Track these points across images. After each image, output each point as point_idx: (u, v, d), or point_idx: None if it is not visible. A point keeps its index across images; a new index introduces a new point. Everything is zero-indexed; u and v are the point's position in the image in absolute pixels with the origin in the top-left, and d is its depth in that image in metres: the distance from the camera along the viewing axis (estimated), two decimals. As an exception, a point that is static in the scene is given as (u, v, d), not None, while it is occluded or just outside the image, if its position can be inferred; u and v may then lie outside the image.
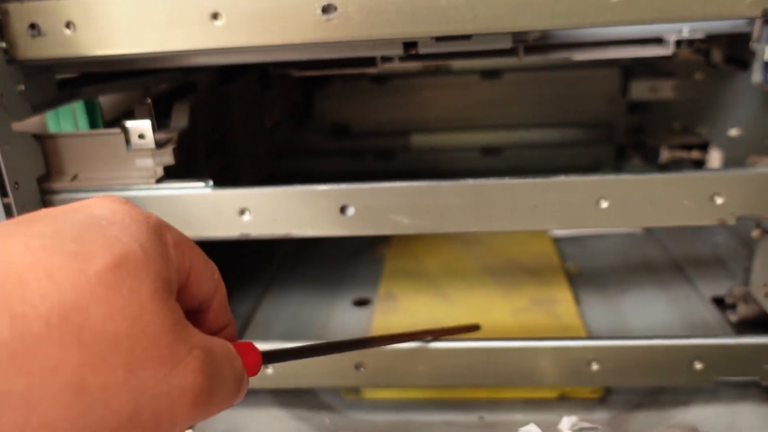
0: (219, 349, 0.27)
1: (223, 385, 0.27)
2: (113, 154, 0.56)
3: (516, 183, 0.52)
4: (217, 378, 0.26)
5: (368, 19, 0.48)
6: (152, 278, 0.24)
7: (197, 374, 0.25)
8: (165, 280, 0.25)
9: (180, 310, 0.26)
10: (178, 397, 0.24)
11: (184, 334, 0.25)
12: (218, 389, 0.26)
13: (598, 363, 0.57)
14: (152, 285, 0.24)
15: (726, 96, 0.81)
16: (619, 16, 0.46)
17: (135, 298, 0.23)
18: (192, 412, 0.25)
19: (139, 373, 0.23)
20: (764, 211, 0.49)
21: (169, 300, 0.25)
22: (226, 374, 0.27)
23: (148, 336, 0.24)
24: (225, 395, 0.27)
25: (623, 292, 0.79)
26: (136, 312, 0.23)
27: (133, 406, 0.23)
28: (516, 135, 1.19)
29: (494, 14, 0.47)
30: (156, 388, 0.24)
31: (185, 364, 0.25)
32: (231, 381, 0.28)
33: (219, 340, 0.28)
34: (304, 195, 0.54)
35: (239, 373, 0.29)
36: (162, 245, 0.26)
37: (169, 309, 0.25)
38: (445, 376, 0.59)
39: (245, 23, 0.49)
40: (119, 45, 0.50)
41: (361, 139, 1.20)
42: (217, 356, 0.27)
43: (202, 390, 0.25)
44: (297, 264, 0.92)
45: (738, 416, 0.58)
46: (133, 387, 0.23)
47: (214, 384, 0.26)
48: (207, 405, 0.26)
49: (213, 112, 0.73)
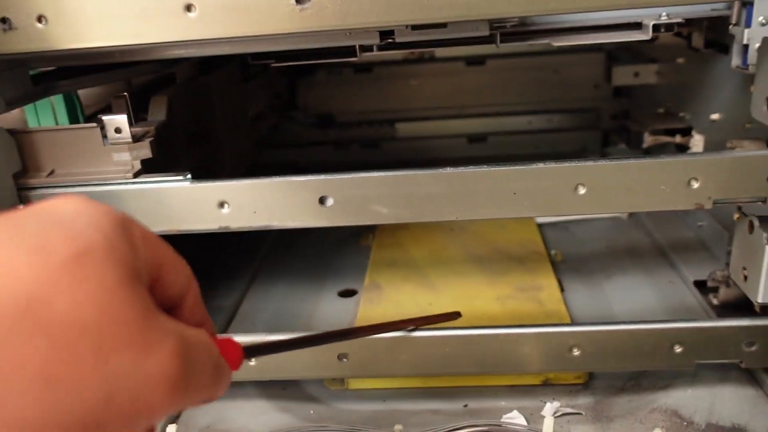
0: (194, 336, 0.27)
1: (201, 372, 0.27)
2: (90, 148, 0.55)
3: (495, 171, 0.52)
4: (193, 364, 0.26)
5: (342, 9, 0.48)
6: (119, 267, 0.24)
7: (173, 359, 0.25)
8: (132, 270, 0.25)
9: (150, 299, 0.26)
10: (154, 383, 0.24)
11: (156, 320, 0.25)
12: (196, 376, 0.26)
13: (579, 348, 0.57)
14: (119, 273, 0.24)
15: (707, 80, 0.81)
16: (595, 2, 0.46)
17: (101, 285, 0.23)
18: (170, 398, 0.25)
19: (111, 360, 0.23)
20: (740, 194, 0.50)
21: (138, 288, 0.25)
22: (203, 361, 0.27)
23: (118, 322, 0.23)
24: (203, 383, 0.27)
25: (607, 278, 0.80)
26: (104, 299, 0.23)
27: (106, 394, 0.23)
28: (502, 122, 1.19)
29: (469, 1, 0.46)
30: (130, 374, 0.23)
31: (159, 349, 0.24)
32: (209, 368, 0.28)
33: (194, 328, 0.28)
34: (283, 186, 0.54)
35: (217, 362, 0.29)
36: (128, 237, 0.26)
37: (138, 296, 0.25)
38: (429, 365, 0.59)
39: (219, 15, 0.49)
40: (92, 38, 0.50)
41: (346, 128, 1.20)
42: (193, 343, 0.27)
43: (178, 375, 0.25)
44: (282, 255, 0.92)
45: (718, 398, 0.58)
46: (105, 375, 0.23)
47: (191, 370, 0.26)
48: (185, 392, 0.26)
49: (193, 104, 0.72)
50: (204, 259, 0.89)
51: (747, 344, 0.56)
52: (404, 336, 0.59)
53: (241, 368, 0.61)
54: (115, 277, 0.24)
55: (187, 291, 0.30)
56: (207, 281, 0.86)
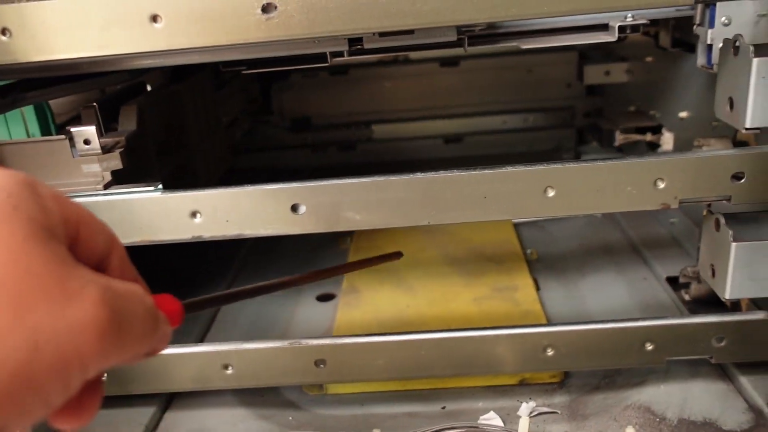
0: (122, 286, 0.27)
1: (133, 320, 0.27)
2: (59, 161, 0.55)
3: (465, 175, 0.53)
4: (123, 312, 0.26)
5: (309, 17, 0.48)
6: (27, 223, 0.24)
7: (97, 306, 0.25)
8: (42, 225, 0.25)
9: (67, 252, 0.26)
10: (80, 331, 0.24)
11: (74, 270, 0.25)
12: (128, 324, 0.26)
13: (553, 348, 0.58)
14: (27, 229, 0.24)
15: (676, 79, 0.82)
16: (558, 7, 0.46)
17: (11, 241, 0.24)
18: (101, 346, 0.25)
19: (31, 312, 0.23)
20: (705, 194, 0.51)
21: (51, 242, 0.25)
22: (135, 309, 0.27)
23: (33, 275, 0.24)
24: (138, 332, 0.27)
25: (582, 276, 0.81)
26: (15, 254, 0.23)
27: (30, 345, 0.23)
28: (477, 122, 1.20)
29: (434, 8, 0.47)
30: (53, 324, 0.23)
31: (81, 297, 0.24)
32: (142, 317, 0.28)
33: (122, 281, 0.28)
34: (255, 195, 0.54)
35: (152, 312, 0.29)
36: (35, 195, 0.26)
37: (51, 249, 0.25)
38: (405, 369, 0.60)
39: (185, 25, 0.49)
40: (57, 50, 0.49)
41: (322, 131, 1.20)
42: (121, 292, 0.27)
43: (106, 321, 0.25)
44: (260, 261, 0.92)
45: (690, 394, 0.59)
46: (26, 327, 0.23)
47: (122, 318, 0.26)
48: (117, 339, 0.26)
49: (164, 112, 0.72)
50: (181, 266, 0.88)
51: (716, 340, 0.57)
52: (381, 341, 0.59)
53: (219, 377, 0.61)
54: (24, 233, 0.24)
55: (110, 250, 0.30)
56: (184, 289, 0.86)
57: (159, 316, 0.29)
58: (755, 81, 0.48)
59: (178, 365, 0.61)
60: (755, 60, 0.47)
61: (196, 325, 0.75)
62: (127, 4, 0.48)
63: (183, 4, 0.48)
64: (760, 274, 0.53)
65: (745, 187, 0.50)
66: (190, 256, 0.89)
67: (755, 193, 0.51)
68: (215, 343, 0.61)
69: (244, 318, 0.78)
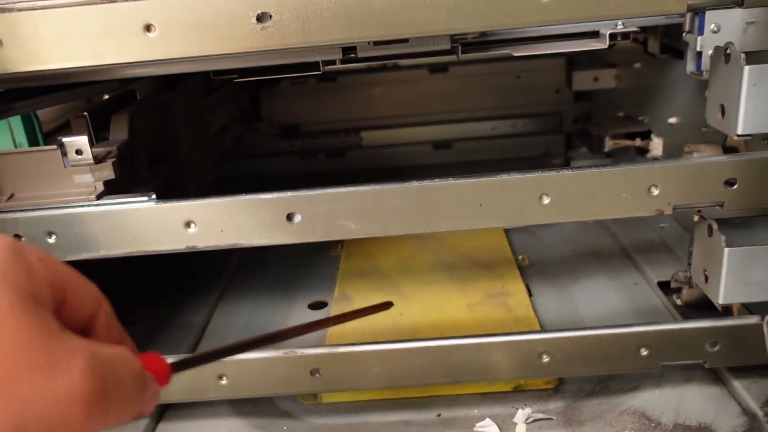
0: (109, 352, 0.27)
1: (121, 386, 0.27)
2: (50, 171, 0.55)
3: (460, 183, 0.53)
4: (111, 379, 0.26)
5: (304, 27, 0.48)
6: (12, 291, 0.24)
7: (85, 376, 0.24)
8: (29, 294, 0.25)
9: (54, 321, 0.25)
10: (67, 403, 0.24)
11: (61, 340, 0.25)
12: (115, 391, 0.26)
13: (548, 355, 0.58)
14: (13, 298, 0.24)
15: (664, 84, 0.83)
16: (551, 16, 0.46)
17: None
18: (87, 415, 0.24)
19: (17, 384, 0.23)
20: (698, 200, 0.51)
21: (38, 311, 0.25)
22: (123, 375, 0.27)
23: (18, 347, 0.23)
24: (125, 398, 0.27)
25: (574, 281, 0.81)
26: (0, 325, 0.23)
27: (17, 418, 0.23)
28: (466, 128, 1.20)
29: (428, 18, 0.47)
30: (40, 396, 0.23)
31: (69, 368, 0.24)
32: (130, 382, 0.27)
33: (109, 345, 0.28)
34: (250, 204, 0.54)
35: (139, 375, 0.28)
36: (22, 261, 0.26)
37: (37, 319, 0.24)
38: (400, 377, 0.60)
39: (180, 34, 0.48)
40: (50, 60, 0.49)
41: (312, 138, 1.20)
42: (108, 358, 0.26)
43: (93, 392, 0.24)
44: (251, 269, 0.91)
45: (684, 398, 0.60)
46: (12, 402, 0.22)
47: (109, 386, 0.26)
48: (105, 408, 0.25)
49: (155, 121, 0.71)
50: (172, 275, 0.88)
51: (710, 344, 0.57)
52: (375, 349, 0.59)
53: (213, 388, 0.61)
54: (10, 302, 0.24)
55: (97, 311, 0.29)
56: (175, 298, 0.85)
57: (147, 377, 0.29)
58: (746, 88, 0.48)
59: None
60: (746, 67, 0.48)
61: (189, 334, 0.75)
62: (120, 13, 0.48)
63: (177, 14, 0.48)
64: (752, 279, 0.54)
65: (737, 193, 0.51)
66: (179, 264, 0.89)
67: (747, 199, 0.51)
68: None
69: (236, 327, 0.77)
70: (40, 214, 0.53)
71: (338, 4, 0.47)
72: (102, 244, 0.54)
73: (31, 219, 0.54)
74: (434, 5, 0.46)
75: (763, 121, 0.49)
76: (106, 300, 0.30)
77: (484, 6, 0.46)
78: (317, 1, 0.47)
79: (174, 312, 0.80)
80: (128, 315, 0.78)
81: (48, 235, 0.54)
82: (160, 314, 0.79)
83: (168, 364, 0.31)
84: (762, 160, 0.50)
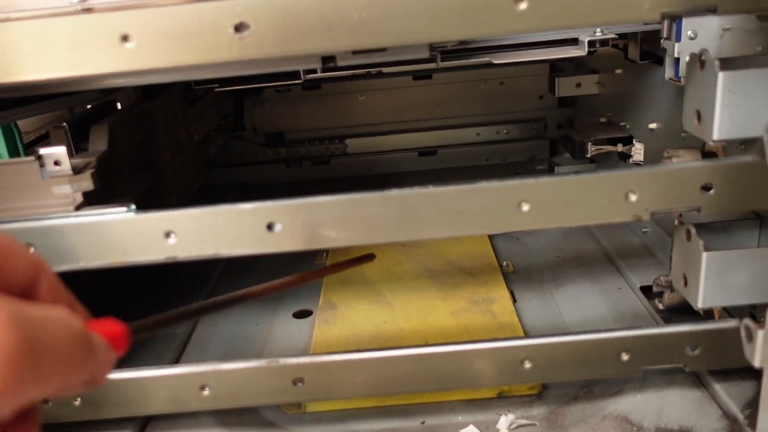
0: (39, 311, 0.26)
1: (54, 346, 0.25)
2: (28, 182, 0.54)
3: (441, 191, 0.53)
4: (40, 337, 0.25)
5: (282, 36, 0.48)
6: None
7: (5, 331, 0.23)
8: None
9: None
10: None
11: None
12: (46, 350, 0.25)
13: (530, 361, 0.58)
14: None
15: (645, 90, 0.84)
16: (527, 24, 0.47)
17: None
18: (13, 375, 0.23)
19: None
20: (676, 205, 0.51)
21: None
22: (57, 335, 0.26)
23: None
24: (62, 359, 0.26)
25: (558, 287, 0.81)
26: None
27: None
28: (451, 134, 1.21)
29: (406, 27, 0.47)
30: None
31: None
32: (68, 344, 0.26)
33: (41, 305, 0.26)
34: (230, 214, 0.54)
35: (81, 337, 0.27)
36: None
37: None
38: (384, 385, 0.60)
39: (157, 45, 0.48)
40: (25, 71, 0.49)
41: (297, 146, 1.20)
42: (39, 317, 0.25)
43: (16, 348, 0.23)
44: (235, 278, 0.90)
45: (666, 402, 0.60)
46: None
47: (38, 345, 0.24)
48: (35, 369, 0.24)
49: (136, 131, 0.71)
50: (155, 285, 0.87)
51: (690, 348, 0.58)
52: (359, 358, 0.59)
53: (196, 398, 0.61)
54: None
55: (37, 276, 0.29)
56: (158, 308, 0.84)
57: (93, 341, 0.28)
58: (721, 94, 0.49)
59: (153, 387, 0.60)
60: (721, 74, 0.48)
61: (172, 345, 0.74)
62: (97, 24, 0.48)
63: (154, 24, 0.48)
64: (731, 283, 0.54)
65: (714, 198, 0.51)
66: (162, 274, 0.88)
67: (724, 204, 0.52)
68: (191, 364, 0.61)
69: (220, 337, 0.77)
70: (17, 226, 0.53)
71: (316, 14, 0.47)
72: (81, 256, 0.54)
73: (8, 231, 0.53)
74: (411, 15, 0.47)
75: (738, 127, 0.49)
76: (48, 266, 0.29)
77: (461, 15, 0.46)
78: (295, 11, 0.47)
79: (157, 322, 0.79)
80: (111, 326, 0.78)
81: (27, 247, 0.53)
82: (144, 325, 0.79)
83: (125, 328, 0.30)
84: (737, 165, 0.50)
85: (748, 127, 0.49)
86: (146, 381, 0.60)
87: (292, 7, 0.47)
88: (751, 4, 0.46)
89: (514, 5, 0.46)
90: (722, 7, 0.45)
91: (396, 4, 0.46)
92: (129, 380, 0.60)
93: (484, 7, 0.46)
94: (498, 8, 0.46)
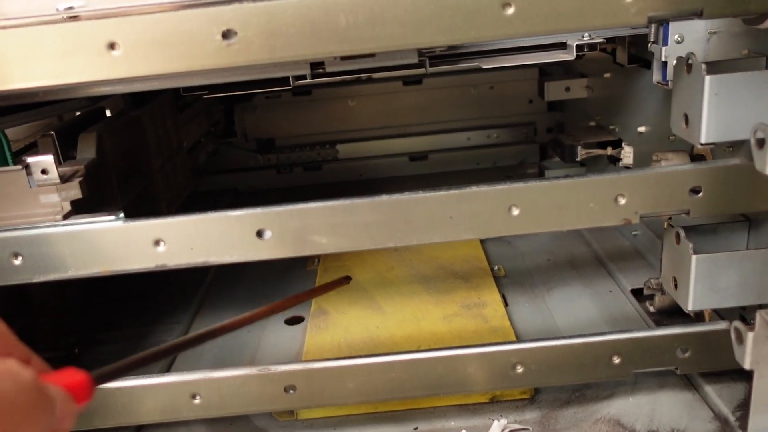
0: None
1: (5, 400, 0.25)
2: (15, 191, 0.54)
3: (430, 196, 0.53)
4: None
5: (269, 43, 0.48)
6: None
7: None
8: None
9: None
10: None
11: None
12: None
13: (522, 365, 0.58)
14: None
15: (633, 94, 0.84)
16: (514, 29, 0.47)
17: None
18: None
19: None
20: (664, 208, 0.52)
21: None
22: (5, 388, 0.25)
23: None
24: (14, 414, 0.25)
25: (549, 290, 0.81)
26: None
27: None
28: (442, 139, 1.21)
29: (394, 32, 0.47)
30: None
31: None
32: (18, 397, 0.26)
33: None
34: (220, 221, 0.53)
35: (33, 389, 0.27)
36: None
37: None
38: (376, 391, 0.59)
39: (144, 52, 0.48)
40: (12, 80, 0.48)
41: (288, 152, 1.20)
42: None
43: None
44: (226, 284, 0.90)
45: (658, 405, 0.60)
46: None
47: None
48: None
49: (125, 138, 0.71)
50: (145, 293, 0.87)
51: (681, 351, 0.58)
52: (351, 364, 0.59)
53: (187, 407, 0.60)
54: None
55: None
56: (149, 316, 0.84)
57: (48, 392, 0.27)
58: (708, 98, 0.49)
59: (144, 397, 0.60)
60: (707, 77, 0.48)
61: (163, 354, 0.74)
62: (84, 32, 0.47)
63: (141, 32, 0.48)
64: (720, 285, 0.54)
65: (702, 201, 0.51)
66: (152, 281, 0.88)
67: (713, 206, 0.52)
68: (182, 373, 0.60)
69: (212, 345, 0.77)
70: (5, 235, 0.52)
71: (303, 20, 0.47)
72: (70, 265, 0.53)
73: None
74: (399, 20, 0.47)
75: (725, 130, 0.49)
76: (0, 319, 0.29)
77: (449, 20, 0.46)
78: (282, 17, 0.47)
79: (147, 331, 0.79)
80: (99, 334, 0.77)
81: (14, 257, 0.53)
82: (133, 334, 0.78)
83: (86, 378, 0.30)
84: (725, 167, 0.50)
85: (735, 130, 0.49)
86: (137, 390, 0.59)
87: (279, 13, 0.47)
88: (736, 7, 0.47)
89: (501, 10, 0.46)
90: (708, 11, 0.46)
91: (384, 10, 0.46)
92: (119, 389, 0.59)
93: (471, 12, 0.46)
94: (485, 13, 0.46)
